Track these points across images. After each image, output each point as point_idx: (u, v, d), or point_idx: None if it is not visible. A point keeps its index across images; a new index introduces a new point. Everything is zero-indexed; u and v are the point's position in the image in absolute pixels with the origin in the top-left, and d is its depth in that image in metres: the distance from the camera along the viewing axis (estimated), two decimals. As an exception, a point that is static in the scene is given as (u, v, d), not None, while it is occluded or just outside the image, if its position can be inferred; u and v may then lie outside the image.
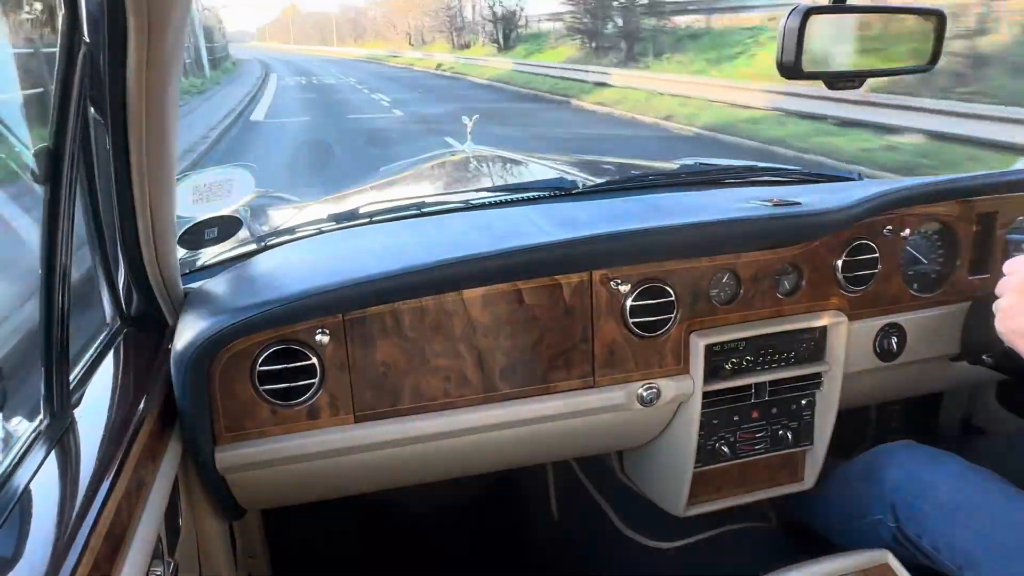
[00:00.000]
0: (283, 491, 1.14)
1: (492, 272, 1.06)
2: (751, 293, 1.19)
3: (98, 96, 0.81)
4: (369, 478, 1.17)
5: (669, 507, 1.31)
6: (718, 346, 1.18)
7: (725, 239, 1.16)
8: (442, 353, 1.07)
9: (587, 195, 1.44)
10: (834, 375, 1.25)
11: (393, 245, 1.15)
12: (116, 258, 0.98)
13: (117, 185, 0.87)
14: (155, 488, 0.84)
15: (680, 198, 1.40)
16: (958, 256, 1.33)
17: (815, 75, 1.05)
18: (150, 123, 0.81)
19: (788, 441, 1.27)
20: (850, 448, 1.38)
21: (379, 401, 1.06)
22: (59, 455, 0.74)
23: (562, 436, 1.19)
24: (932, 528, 1.03)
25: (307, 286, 1.02)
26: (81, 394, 0.86)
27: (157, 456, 0.90)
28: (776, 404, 1.26)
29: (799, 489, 1.32)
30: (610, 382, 1.15)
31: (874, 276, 1.26)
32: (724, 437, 1.24)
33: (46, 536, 0.62)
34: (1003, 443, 1.47)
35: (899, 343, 1.30)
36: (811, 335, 1.23)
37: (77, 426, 0.80)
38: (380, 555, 1.69)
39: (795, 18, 0.99)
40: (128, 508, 0.75)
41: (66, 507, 0.67)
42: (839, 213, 1.19)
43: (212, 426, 1.00)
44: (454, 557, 1.70)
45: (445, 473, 1.22)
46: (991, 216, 1.33)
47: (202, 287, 1.12)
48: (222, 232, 1.16)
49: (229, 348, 0.98)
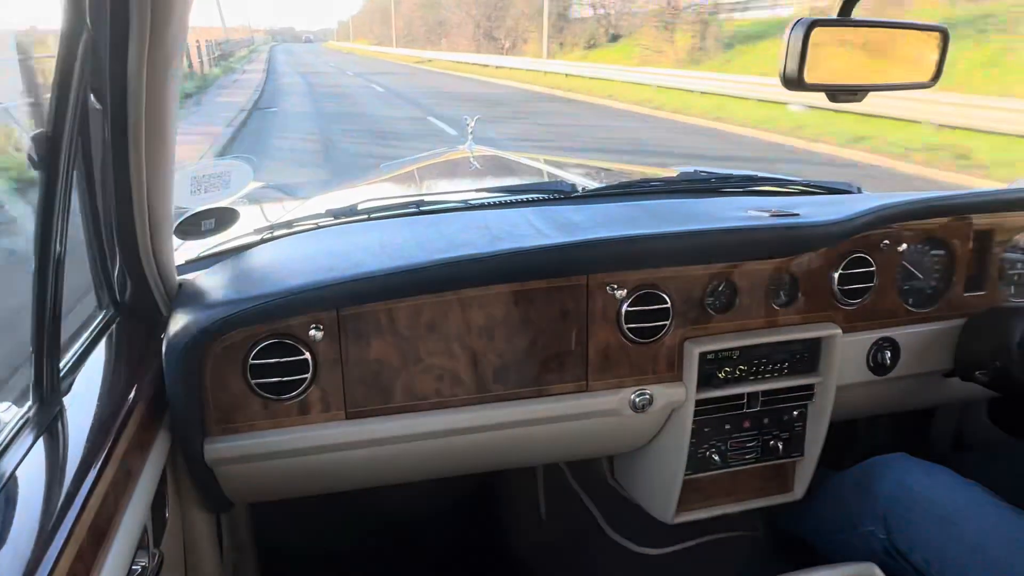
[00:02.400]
0: (272, 485, 1.14)
1: (489, 273, 1.06)
2: (746, 302, 1.20)
3: (98, 83, 0.80)
4: (359, 475, 1.17)
5: (658, 514, 1.31)
6: (712, 354, 1.18)
7: (722, 248, 1.16)
8: (436, 352, 1.07)
9: (586, 199, 1.44)
10: (827, 387, 1.25)
11: (390, 243, 1.15)
12: (111, 246, 0.97)
13: (114, 173, 0.87)
14: (142, 478, 0.84)
15: (678, 205, 1.40)
16: (954, 273, 1.33)
17: (818, 87, 1.05)
18: (150, 112, 0.81)
19: (779, 451, 1.27)
20: (840, 460, 1.38)
21: (371, 398, 1.06)
22: (47, 442, 0.74)
23: (553, 439, 1.19)
24: (924, 541, 1.03)
25: (302, 281, 1.01)
26: (71, 382, 0.86)
27: (146, 446, 0.89)
28: (768, 414, 1.26)
29: (789, 499, 1.33)
30: (603, 387, 1.15)
31: (870, 290, 1.26)
32: (715, 445, 1.24)
33: (30, 524, 0.62)
34: (993, 460, 1.48)
35: (892, 357, 1.30)
36: (805, 346, 1.23)
37: (66, 414, 0.79)
38: (367, 551, 1.69)
39: (799, 31, 0.99)
40: (114, 498, 0.74)
41: (52, 495, 0.67)
42: (837, 226, 1.19)
43: (202, 418, 1.00)
44: (441, 555, 1.70)
45: (435, 472, 1.22)
46: (988, 234, 1.34)
47: (197, 278, 1.12)
48: (219, 223, 1.16)
49: (222, 340, 0.98)
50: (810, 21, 0.99)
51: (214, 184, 1.14)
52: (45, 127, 0.72)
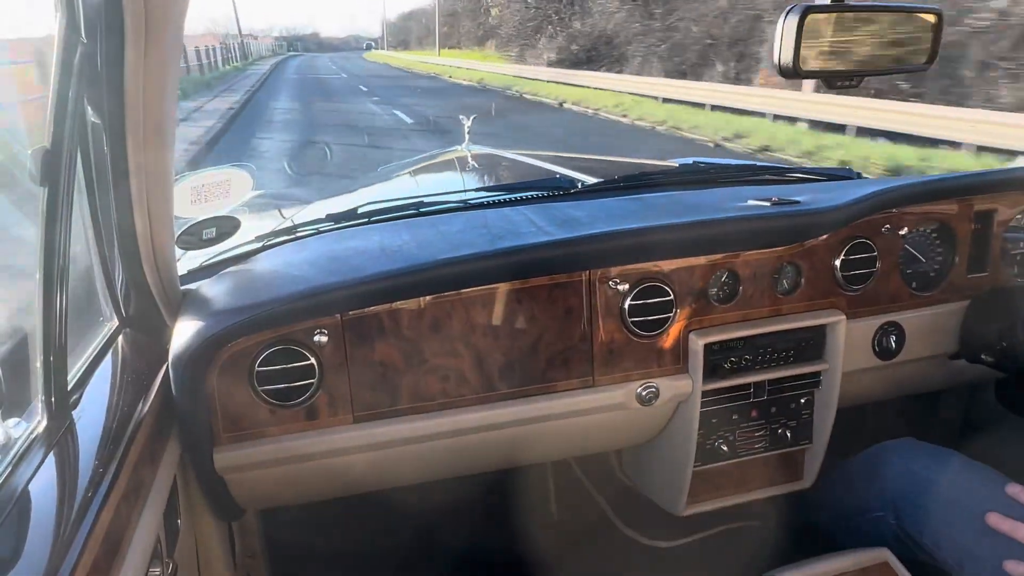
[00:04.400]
0: (282, 491, 1.14)
1: (490, 272, 1.06)
2: (750, 292, 1.19)
3: (96, 97, 0.80)
4: (368, 478, 1.17)
5: (668, 506, 1.31)
6: (717, 345, 1.18)
7: (724, 238, 1.16)
8: (440, 353, 1.07)
9: (585, 194, 1.44)
10: (833, 374, 1.25)
11: (391, 245, 1.15)
12: (114, 259, 0.98)
13: (115, 186, 0.87)
14: (154, 489, 0.84)
15: (679, 197, 1.40)
16: (956, 254, 1.33)
17: (813, 74, 1.05)
18: (148, 124, 0.81)
19: (787, 440, 1.27)
20: (849, 447, 1.38)
21: (378, 401, 1.06)
22: (57, 456, 0.74)
23: (561, 435, 1.19)
24: (933, 525, 1.03)
25: (305, 286, 1.02)
26: (79, 395, 0.86)
27: (156, 457, 0.89)
28: (775, 403, 1.25)
29: (798, 488, 1.32)
30: (609, 381, 1.15)
31: (873, 275, 1.26)
32: (723, 436, 1.24)
33: (44, 537, 0.62)
34: (1002, 440, 1.47)
35: (898, 341, 1.30)
36: (810, 334, 1.23)
37: (76, 427, 0.79)
38: (379, 554, 1.69)
39: (793, 17, 0.98)
40: (127, 509, 0.74)
41: (64, 508, 0.67)
42: (837, 212, 1.19)
43: (211, 427, 1.00)
44: (453, 556, 1.70)
45: (444, 473, 1.22)
46: (989, 214, 1.33)
47: (200, 287, 1.12)
48: (220, 232, 1.16)
49: (227, 349, 0.98)
50: (804, 7, 0.98)
51: (214, 193, 1.14)
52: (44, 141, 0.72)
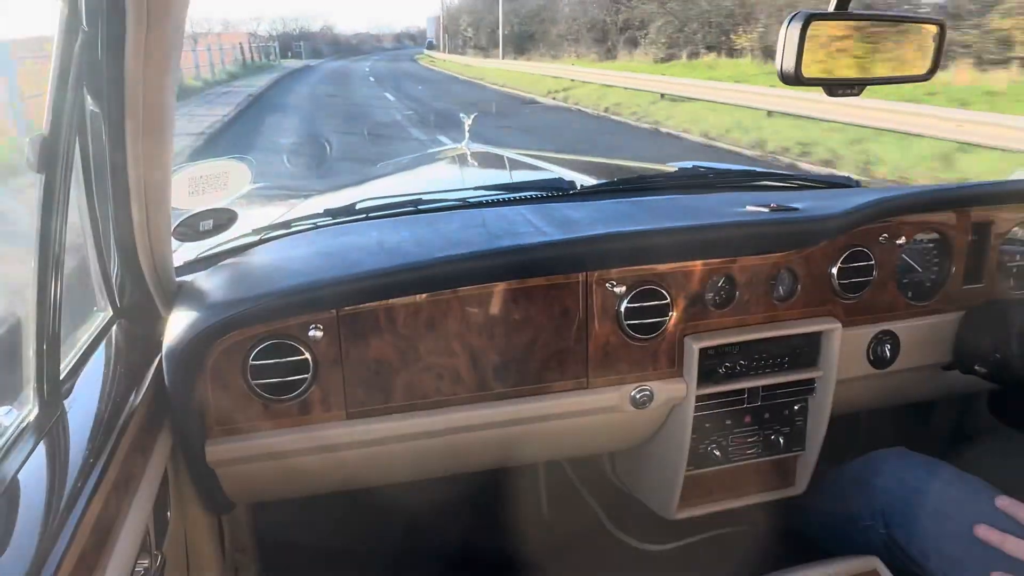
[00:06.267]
0: (273, 486, 1.14)
1: (487, 271, 1.06)
2: (746, 297, 1.19)
3: (95, 85, 0.80)
4: (360, 474, 1.16)
5: (660, 510, 1.31)
6: (712, 350, 1.18)
7: (722, 243, 1.16)
8: (435, 351, 1.07)
9: (584, 196, 1.44)
10: (827, 381, 1.25)
11: (388, 242, 1.14)
12: (110, 248, 0.97)
13: (113, 175, 0.87)
14: (144, 481, 0.84)
15: (677, 201, 1.40)
16: (953, 265, 1.33)
17: (815, 82, 1.05)
18: (147, 114, 0.81)
19: (780, 446, 1.27)
20: (842, 454, 1.38)
21: (371, 398, 1.06)
22: (48, 446, 0.74)
23: (554, 436, 1.18)
24: (923, 535, 1.03)
25: (301, 281, 1.01)
26: (72, 384, 0.85)
27: (147, 448, 0.89)
28: (769, 409, 1.26)
29: (791, 494, 1.33)
30: (603, 383, 1.15)
31: (869, 283, 1.26)
32: (716, 441, 1.24)
33: (33, 527, 0.62)
34: (994, 452, 1.48)
35: (892, 351, 1.30)
36: (805, 341, 1.23)
37: (67, 417, 0.79)
38: (368, 551, 1.69)
39: (796, 24, 0.98)
40: (116, 500, 0.74)
41: (54, 498, 0.66)
42: (835, 220, 1.19)
43: (203, 420, 1.00)
44: (443, 554, 1.70)
45: (436, 471, 1.22)
46: (986, 226, 1.34)
47: (196, 280, 1.12)
48: (217, 224, 1.15)
49: (221, 341, 0.98)
50: (808, 14, 0.98)
51: (212, 185, 1.13)
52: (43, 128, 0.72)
